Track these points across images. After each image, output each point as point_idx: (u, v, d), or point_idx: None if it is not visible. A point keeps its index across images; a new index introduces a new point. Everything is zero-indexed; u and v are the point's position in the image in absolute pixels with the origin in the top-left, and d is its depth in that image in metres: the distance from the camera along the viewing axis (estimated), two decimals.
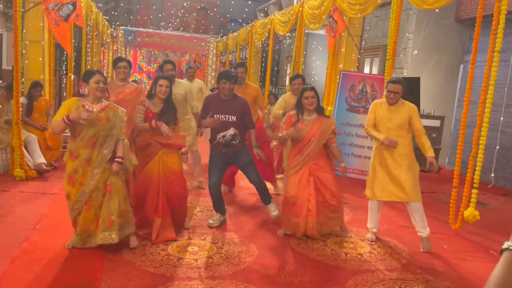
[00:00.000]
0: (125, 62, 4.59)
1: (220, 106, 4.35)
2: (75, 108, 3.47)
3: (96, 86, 3.53)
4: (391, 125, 4.24)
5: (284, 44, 15.41)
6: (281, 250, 4.05)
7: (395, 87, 4.20)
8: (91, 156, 3.55)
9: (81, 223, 3.62)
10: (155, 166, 4.05)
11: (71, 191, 3.58)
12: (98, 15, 12.14)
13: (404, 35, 8.79)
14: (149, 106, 4.09)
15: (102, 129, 3.55)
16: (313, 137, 4.25)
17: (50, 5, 6.68)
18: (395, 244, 4.40)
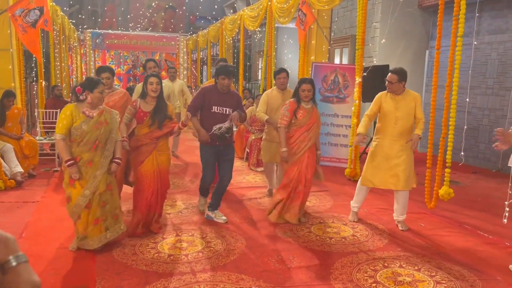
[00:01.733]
0: (107, 73, 4.54)
1: (218, 99, 4.43)
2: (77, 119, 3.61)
3: (100, 96, 3.68)
4: (399, 114, 4.32)
5: (255, 39, 15.51)
6: (269, 239, 4.18)
7: (389, 77, 4.35)
8: (93, 158, 3.64)
9: (80, 226, 3.69)
10: (150, 165, 4.13)
11: (71, 193, 3.64)
12: (64, 19, 11.94)
13: (371, 25, 9.03)
14: (140, 106, 4.14)
15: (103, 132, 3.68)
16: (314, 124, 4.50)
17: (17, 11, 6.57)
18: (376, 226, 4.59)
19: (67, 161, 3.56)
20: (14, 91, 6.51)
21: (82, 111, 3.65)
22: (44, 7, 6.69)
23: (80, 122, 3.60)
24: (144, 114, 4.13)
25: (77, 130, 3.60)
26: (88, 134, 3.61)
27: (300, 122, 4.50)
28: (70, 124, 3.59)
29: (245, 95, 10.13)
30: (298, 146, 4.50)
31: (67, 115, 3.60)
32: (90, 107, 3.68)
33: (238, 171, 7.03)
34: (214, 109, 4.43)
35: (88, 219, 3.68)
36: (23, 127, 6.40)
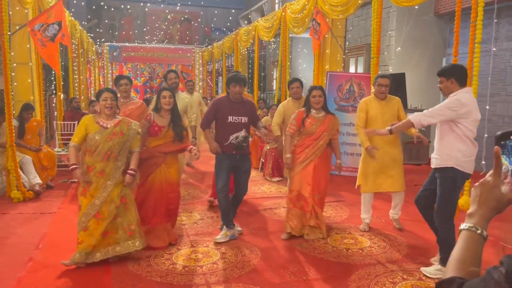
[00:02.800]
0: (126, 79, 4.72)
1: (231, 108, 4.39)
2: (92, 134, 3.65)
3: (104, 103, 3.71)
4: (386, 117, 4.45)
5: (270, 49, 15.57)
6: (284, 251, 4.12)
7: (385, 81, 4.50)
8: (105, 168, 3.66)
9: (87, 237, 3.65)
10: (157, 177, 4.13)
11: (82, 202, 3.67)
12: (82, 33, 12.18)
13: (386, 33, 8.97)
14: (154, 120, 4.16)
15: (117, 143, 3.70)
16: (324, 133, 4.41)
17: (36, 26, 6.71)
18: (394, 237, 4.49)
19: (71, 165, 3.61)
20: (33, 104, 6.64)
21: (97, 121, 3.70)
22: (62, 22, 6.81)
23: (94, 132, 3.65)
24: (159, 128, 4.15)
25: (91, 140, 3.65)
26: (101, 144, 3.64)
27: (307, 131, 4.43)
28: (83, 134, 3.64)
29: (259, 105, 10.14)
30: (305, 155, 4.42)
31: (81, 125, 3.68)
32: (105, 117, 3.72)
33: (253, 181, 7.00)
34: (230, 119, 4.39)
35: (97, 230, 3.66)
36: (41, 139, 6.50)
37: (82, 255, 3.66)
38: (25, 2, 6.35)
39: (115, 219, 3.72)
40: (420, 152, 8.50)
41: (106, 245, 3.71)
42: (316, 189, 4.40)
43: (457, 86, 3.41)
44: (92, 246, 3.66)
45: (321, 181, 4.44)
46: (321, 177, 4.44)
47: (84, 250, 3.65)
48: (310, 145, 4.43)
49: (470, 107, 3.32)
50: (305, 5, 8.09)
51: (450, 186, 3.45)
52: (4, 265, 3.70)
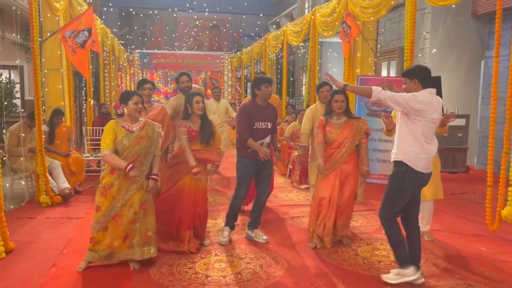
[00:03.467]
0: (150, 84, 4.72)
1: (259, 114, 4.30)
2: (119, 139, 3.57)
3: (135, 107, 3.63)
4: None
5: (298, 54, 15.40)
6: (311, 262, 3.93)
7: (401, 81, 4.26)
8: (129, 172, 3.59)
9: (106, 239, 3.60)
10: (187, 183, 4.06)
11: (102, 203, 3.59)
12: (113, 40, 12.38)
13: (420, 35, 8.65)
14: (190, 126, 4.10)
15: (144, 147, 3.64)
16: (346, 140, 4.19)
17: (67, 33, 6.80)
18: (429, 249, 4.22)
19: (126, 167, 3.48)
20: (63, 109, 6.72)
21: (122, 125, 3.62)
22: (92, 28, 6.89)
23: (121, 137, 3.57)
24: (196, 133, 4.10)
25: (118, 145, 3.57)
26: (128, 148, 3.58)
27: (328, 139, 4.25)
28: (114, 138, 3.57)
29: (288, 110, 9.98)
30: (329, 163, 4.24)
31: (110, 130, 3.58)
32: (129, 120, 3.65)
33: (280, 188, 6.83)
34: (257, 125, 4.30)
35: (117, 232, 3.60)
36: (70, 145, 6.56)
37: (101, 256, 3.61)
38: (56, 9, 6.45)
39: (134, 223, 3.64)
40: (456, 159, 8.11)
41: (126, 248, 3.64)
42: (335, 198, 4.18)
43: (420, 87, 3.41)
44: (111, 247, 3.61)
45: (345, 189, 4.21)
46: (345, 185, 4.22)
47: (102, 250, 3.60)
48: (332, 154, 4.23)
49: (426, 106, 3.30)
50: (335, 8, 7.91)
51: (397, 184, 3.42)
52: (28, 270, 3.67)
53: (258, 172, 4.39)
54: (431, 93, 3.38)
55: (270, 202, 5.96)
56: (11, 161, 5.95)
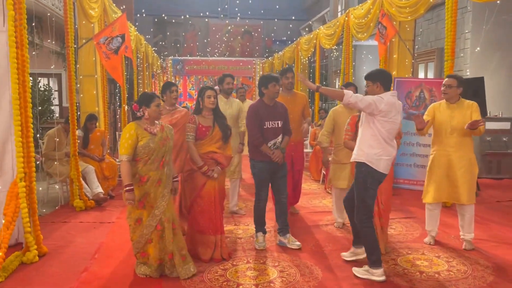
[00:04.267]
0: (176, 86, 4.65)
1: (268, 113, 4.23)
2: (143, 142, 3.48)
3: (157, 109, 3.56)
4: (454, 123, 4.16)
5: (331, 57, 15.16)
6: (348, 271, 3.73)
7: (448, 81, 4.23)
8: (161, 176, 3.54)
9: (155, 252, 3.53)
10: (212, 185, 3.97)
11: (142, 214, 3.52)
12: (147, 48, 12.55)
13: (460, 35, 8.28)
14: (199, 122, 4.00)
15: (168, 148, 3.59)
16: None
17: (101, 39, 6.89)
18: (475, 260, 3.93)
19: (126, 186, 3.42)
20: (97, 115, 6.80)
21: (145, 128, 3.53)
22: (125, 34, 6.96)
23: (147, 140, 3.48)
24: (206, 129, 3.98)
25: (144, 148, 3.47)
26: (155, 151, 3.50)
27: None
28: (135, 144, 3.46)
29: (321, 115, 9.79)
30: None
31: (131, 134, 3.46)
32: (149, 123, 3.57)
33: (314, 194, 6.64)
34: (267, 125, 4.22)
35: (163, 243, 3.52)
36: (104, 149, 6.61)
37: (153, 270, 3.54)
38: (91, 16, 6.55)
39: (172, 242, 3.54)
40: (501, 165, 7.66)
41: (171, 266, 3.56)
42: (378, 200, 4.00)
43: (382, 90, 3.54)
44: (160, 260, 3.55)
45: (382, 190, 3.99)
46: (383, 186, 3.94)
47: (153, 264, 3.53)
48: None
49: (390, 108, 3.46)
50: (369, 9, 7.67)
51: (361, 185, 3.56)
52: (59, 275, 3.66)
53: (274, 174, 4.30)
54: (393, 95, 3.54)
55: (304, 208, 5.78)
56: (47, 165, 6.05)
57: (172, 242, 3.52)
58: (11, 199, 3.86)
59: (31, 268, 3.79)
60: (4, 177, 4.10)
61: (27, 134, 4.01)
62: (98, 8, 6.72)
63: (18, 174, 3.89)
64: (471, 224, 4.21)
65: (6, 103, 4.02)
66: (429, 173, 4.31)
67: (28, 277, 3.61)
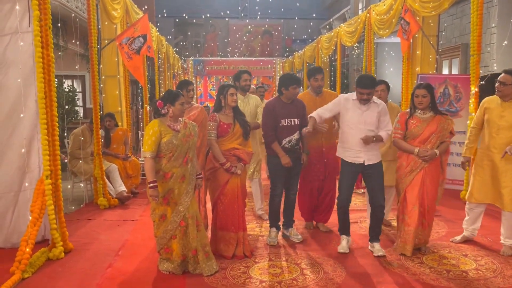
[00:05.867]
0: (193, 85, 4.64)
1: (284, 111, 4.21)
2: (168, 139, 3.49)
3: (181, 108, 3.58)
4: (504, 123, 3.89)
5: (353, 55, 14.99)
6: (372, 270, 3.67)
7: (502, 77, 3.90)
8: (185, 172, 3.55)
9: (178, 248, 3.55)
10: (234, 182, 3.96)
11: (167, 211, 3.54)
12: (168, 49, 12.67)
13: (486, 30, 8.06)
14: (220, 119, 4.00)
15: (192, 144, 3.60)
16: (432, 135, 3.91)
17: (123, 40, 6.98)
18: (505, 259, 3.81)
19: (150, 183, 3.44)
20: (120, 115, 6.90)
21: (168, 125, 3.54)
22: (147, 35, 7.03)
23: (170, 137, 3.50)
24: (228, 126, 3.97)
25: (168, 145, 3.49)
26: (179, 148, 3.51)
27: (411, 132, 3.96)
28: (159, 141, 3.48)
29: None
30: (414, 162, 3.92)
31: (155, 131, 3.48)
32: (172, 120, 3.58)
33: None
34: (282, 122, 4.20)
35: (187, 240, 3.54)
36: (127, 148, 6.70)
37: (176, 266, 3.56)
38: (113, 17, 6.64)
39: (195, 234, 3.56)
40: None
41: (195, 262, 3.58)
42: (424, 201, 3.91)
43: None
44: (184, 256, 3.57)
45: (429, 191, 3.91)
46: (429, 187, 3.91)
47: (176, 260, 3.56)
48: None
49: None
50: (391, 4, 7.55)
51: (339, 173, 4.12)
52: (85, 271, 3.71)
53: (288, 170, 4.28)
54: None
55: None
56: (72, 164, 6.16)
57: (196, 239, 3.54)
58: (38, 197, 3.94)
59: (57, 264, 3.85)
60: (30, 175, 4.19)
61: (52, 133, 4.08)
62: (120, 9, 6.82)
63: (44, 172, 3.96)
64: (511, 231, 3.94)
65: (32, 102, 4.10)
66: (475, 171, 4.10)
67: (54, 273, 3.67)
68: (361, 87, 3.88)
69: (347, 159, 4.01)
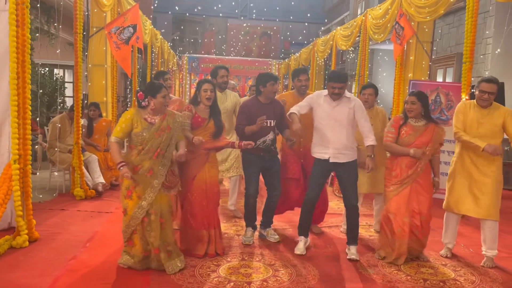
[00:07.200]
0: (169, 75, 4.52)
1: (260, 112, 4.05)
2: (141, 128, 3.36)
3: (163, 100, 3.43)
4: (482, 130, 3.74)
5: (348, 59, 14.92)
6: (346, 275, 3.53)
7: (490, 87, 3.72)
8: (153, 166, 3.38)
9: (142, 243, 3.40)
10: (202, 178, 3.79)
11: (128, 205, 3.39)
12: (163, 43, 12.51)
13: (481, 40, 7.99)
14: (196, 112, 3.85)
15: (165, 139, 3.43)
16: (424, 146, 3.75)
17: (113, 29, 6.82)
18: (485, 271, 3.69)
19: (118, 163, 3.31)
20: (105, 105, 6.74)
21: (144, 117, 3.40)
22: (137, 25, 6.88)
23: (141, 129, 3.35)
24: (202, 120, 3.83)
25: (138, 136, 3.35)
26: (149, 141, 3.36)
27: (403, 141, 3.82)
28: (129, 129, 3.35)
29: None
30: (406, 173, 3.77)
31: (127, 118, 3.37)
32: (152, 113, 3.44)
33: None
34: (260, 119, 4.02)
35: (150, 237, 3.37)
36: (109, 140, 6.52)
37: (137, 262, 3.40)
38: (103, 5, 6.49)
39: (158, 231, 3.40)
40: None
41: (156, 260, 3.42)
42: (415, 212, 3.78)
43: None
44: (146, 252, 3.41)
45: (421, 201, 3.78)
46: (422, 197, 3.78)
47: (138, 256, 3.40)
48: (405, 160, 3.77)
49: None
50: (388, 9, 7.45)
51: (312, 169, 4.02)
52: (47, 261, 3.55)
53: (266, 169, 4.17)
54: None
55: None
56: (50, 152, 5.99)
57: (158, 237, 3.37)
58: (4, 181, 3.78)
59: (19, 253, 3.69)
60: (0, 159, 4.02)
61: (24, 116, 3.92)
62: None
63: (13, 156, 3.81)
64: (495, 242, 3.77)
65: (5, 83, 3.93)
66: (451, 179, 3.92)
67: (15, 262, 3.51)
68: (333, 81, 3.82)
69: (315, 154, 3.98)
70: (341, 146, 3.86)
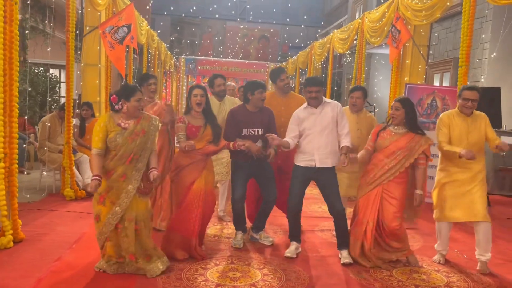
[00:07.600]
0: (155, 79, 4.42)
1: (248, 120, 3.99)
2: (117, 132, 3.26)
3: (137, 104, 3.31)
4: (472, 139, 3.73)
5: (344, 62, 14.89)
6: (337, 279, 3.46)
7: (473, 94, 3.74)
8: (126, 171, 3.27)
9: (115, 249, 3.32)
10: (201, 184, 3.70)
11: (101, 211, 3.28)
12: (160, 45, 12.43)
13: (478, 45, 7.95)
14: (189, 121, 3.77)
15: (139, 144, 3.30)
16: (399, 151, 3.69)
17: (107, 29, 6.75)
18: (478, 277, 3.62)
19: (94, 176, 3.22)
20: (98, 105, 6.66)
21: (117, 123, 3.28)
22: (131, 25, 6.81)
23: (114, 134, 3.24)
24: (196, 129, 3.74)
25: (111, 142, 3.24)
26: (123, 147, 3.24)
27: (378, 144, 3.81)
28: (105, 136, 3.24)
29: None
30: (374, 175, 3.75)
31: (101, 127, 3.25)
32: (125, 117, 3.32)
33: (313, 199, 6.36)
34: (245, 131, 3.99)
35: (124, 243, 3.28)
36: None
37: (111, 265, 3.32)
38: (97, 4, 6.42)
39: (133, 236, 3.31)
40: None
41: (134, 264, 3.33)
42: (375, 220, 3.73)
43: None
44: (121, 258, 3.32)
45: (387, 212, 3.70)
46: (389, 207, 3.70)
47: (114, 263, 3.32)
48: (379, 164, 3.74)
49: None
50: (384, 12, 7.41)
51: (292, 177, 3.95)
52: (31, 262, 3.47)
53: (257, 175, 4.09)
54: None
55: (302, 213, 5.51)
56: (41, 152, 5.91)
57: (133, 243, 3.28)
58: None
59: (3, 254, 3.61)
60: None
61: (10, 114, 3.84)
62: None
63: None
64: (489, 244, 3.71)
65: None
66: (440, 188, 3.84)
67: None
68: (309, 85, 3.85)
69: (299, 163, 3.92)
70: (327, 150, 3.85)
